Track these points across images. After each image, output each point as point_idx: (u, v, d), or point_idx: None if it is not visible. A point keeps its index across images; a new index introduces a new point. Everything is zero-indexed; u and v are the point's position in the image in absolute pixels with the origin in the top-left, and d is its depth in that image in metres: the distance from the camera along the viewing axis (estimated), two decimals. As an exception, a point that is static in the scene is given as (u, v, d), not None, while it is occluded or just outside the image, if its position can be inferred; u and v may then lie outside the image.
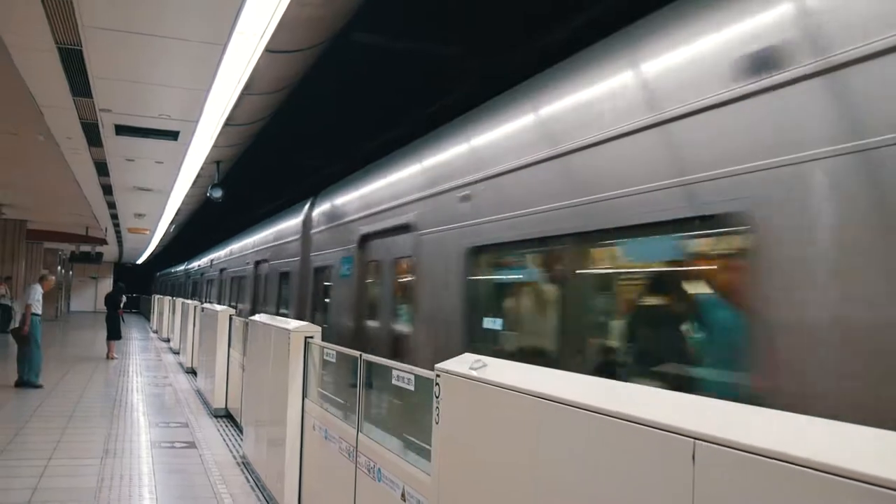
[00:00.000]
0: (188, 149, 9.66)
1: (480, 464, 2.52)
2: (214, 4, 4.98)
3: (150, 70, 6.51)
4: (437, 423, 2.85)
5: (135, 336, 24.42)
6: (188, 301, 16.62)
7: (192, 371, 13.98)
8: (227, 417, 9.54)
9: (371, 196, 6.92)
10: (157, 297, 28.32)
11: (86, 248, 29.03)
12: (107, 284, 38.93)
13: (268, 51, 6.05)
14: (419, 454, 3.33)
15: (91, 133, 8.90)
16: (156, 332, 26.28)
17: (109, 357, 16.16)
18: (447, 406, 2.80)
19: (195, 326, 13.70)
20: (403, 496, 3.37)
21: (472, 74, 7.66)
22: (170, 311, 21.20)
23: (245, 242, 14.79)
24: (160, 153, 10.03)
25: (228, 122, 8.70)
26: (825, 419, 1.50)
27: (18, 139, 9.89)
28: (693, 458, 1.54)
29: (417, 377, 3.36)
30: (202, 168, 11.86)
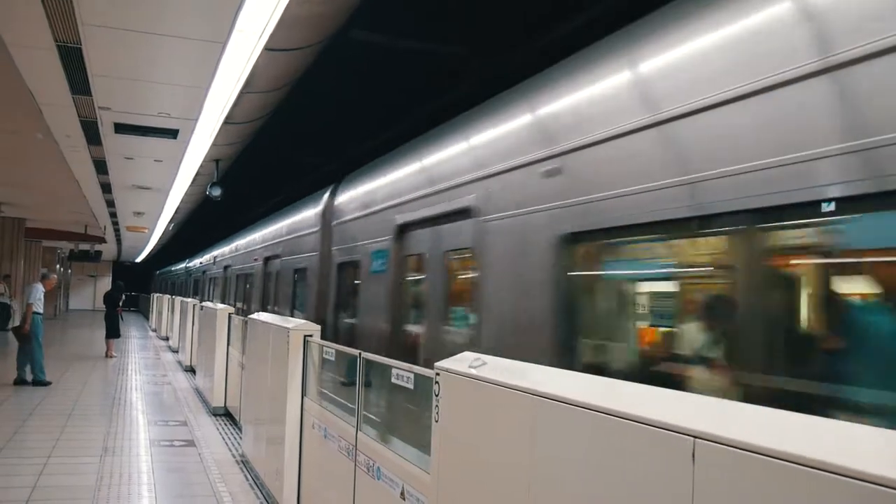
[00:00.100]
0: (187, 147, 9.64)
1: (480, 462, 2.53)
2: (214, 3, 4.97)
3: (150, 68, 6.50)
4: (437, 422, 2.85)
5: (134, 334, 24.42)
6: (187, 299, 16.59)
7: (191, 369, 13.98)
8: (226, 416, 9.55)
9: (411, 178, 5.98)
10: (156, 296, 28.31)
11: (84, 247, 28.99)
12: (105, 283, 38.91)
13: (267, 49, 6.05)
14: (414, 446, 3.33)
15: (90, 131, 8.88)
16: (155, 331, 26.28)
17: (108, 355, 16.17)
18: (447, 404, 2.80)
19: (194, 325, 13.70)
20: (403, 494, 3.38)
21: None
22: (169, 310, 21.20)
23: (252, 237, 13.71)
24: (159, 151, 10.02)
25: (228, 121, 8.69)
26: (826, 418, 1.50)
27: (17, 137, 9.87)
28: (693, 457, 1.54)
29: (417, 376, 3.36)
30: (201, 166, 11.85)
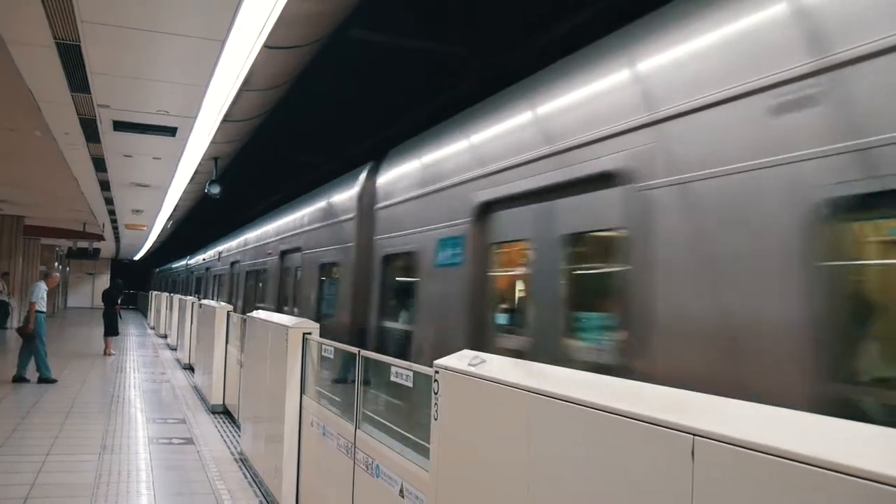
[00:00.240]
0: (186, 145, 9.64)
1: (479, 460, 2.53)
2: (213, 0, 4.97)
3: (149, 66, 6.49)
4: (436, 420, 2.86)
5: (132, 332, 24.40)
6: (185, 297, 16.57)
7: (190, 367, 13.98)
8: (225, 414, 9.55)
9: (501, 141, 4.46)
10: (155, 294, 28.29)
11: (83, 245, 28.99)
12: (104, 280, 38.94)
13: (266, 47, 6.05)
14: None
15: (89, 129, 8.87)
16: (153, 329, 26.27)
17: (107, 353, 16.17)
18: (446, 402, 2.81)
19: (193, 323, 13.70)
20: (402, 492, 3.38)
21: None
22: (167, 308, 21.19)
23: (266, 229, 12.35)
24: (158, 149, 10.02)
25: (226, 119, 8.69)
26: (824, 416, 1.50)
27: (16, 135, 9.86)
28: (692, 455, 1.54)
29: (416, 374, 3.37)
30: (200, 164, 11.85)
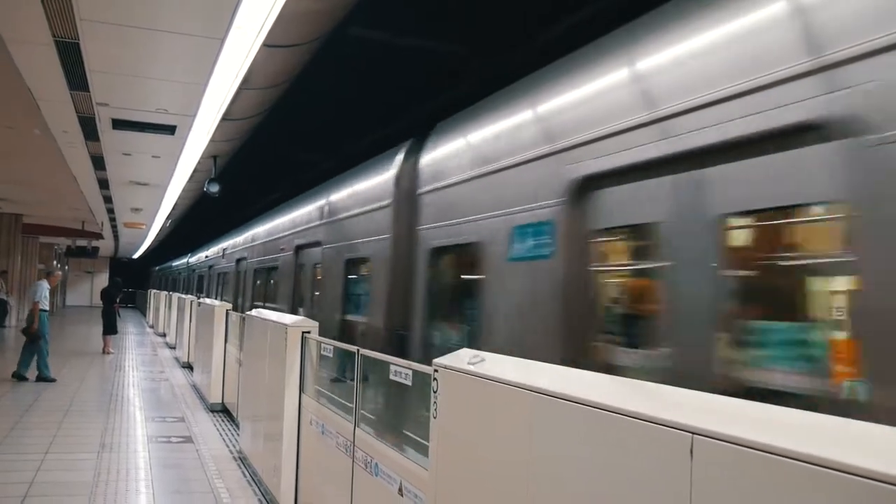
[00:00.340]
0: (185, 143, 9.63)
1: (478, 458, 2.53)
2: (213, -2, 4.97)
3: (148, 64, 6.48)
4: (435, 418, 2.86)
5: (131, 331, 24.39)
6: (184, 296, 16.56)
7: (189, 366, 13.98)
8: (224, 412, 9.55)
9: (615, 95, 3.45)
10: (154, 292, 28.27)
11: (82, 243, 28.99)
12: (102, 279, 38.92)
13: (266, 45, 6.04)
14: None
15: (88, 127, 8.86)
16: (152, 328, 26.26)
17: (105, 352, 16.17)
18: (445, 401, 2.81)
19: (191, 321, 13.70)
20: (401, 491, 3.38)
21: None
22: (166, 307, 21.18)
23: (278, 223, 11.23)
24: (157, 148, 10.00)
25: (226, 117, 8.68)
26: (823, 414, 1.50)
27: (15, 133, 9.84)
28: (691, 453, 1.55)
29: (416, 372, 3.37)
30: (199, 163, 11.84)
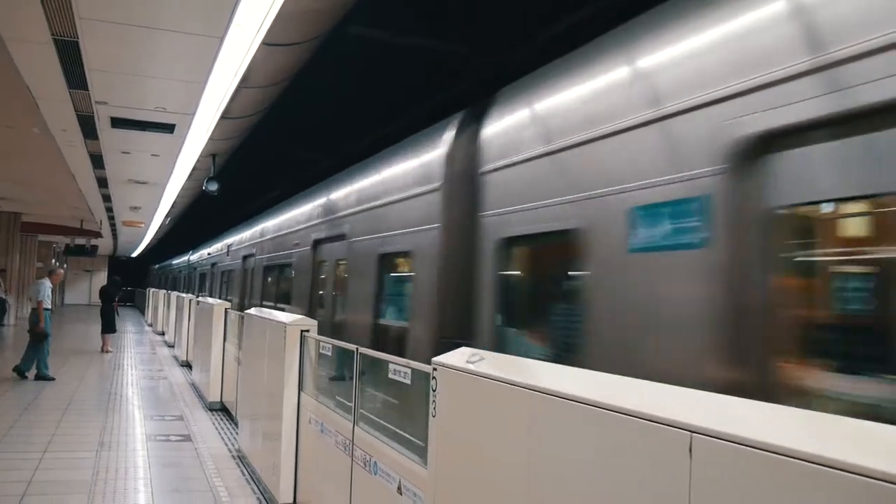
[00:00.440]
0: (184, 142, 9.63)
1: (477, 457, 2.53)
2: (212, -3, 4.97)
3: (147, 63, 6.48)
4: (434, 417, 2.86)
5: (130, 330, 24.38)
6: (183, 294, 16.55)
7: (187, 364, 13.97)
8: (223, 411, 9.55)
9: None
10: (152, 291, 28.25)
11: (80, 241, 28.97)
12: (101, 278, 38.95)
13: (265, 44, 6.04)
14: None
15: (87, 126, 8.86)
16: (151, 326, 26.25)
17: (104, 350, 16.16)
18: (444, 399, 2.81)
19: (190, 320, 13.69)
20: (399, 489, 3.39)
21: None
22: (165, 305, 21.17)
23: (292, 215, 10.10)
24: (156, 146, 10.00)
25: (225, 116, 8.68)
26: (821, 412, 1.51)
27: (14, 132, 9.84)
28: (690, 451, 1.55)
29: (414, 371, 3.37)
30: (198, 161, 11.84)
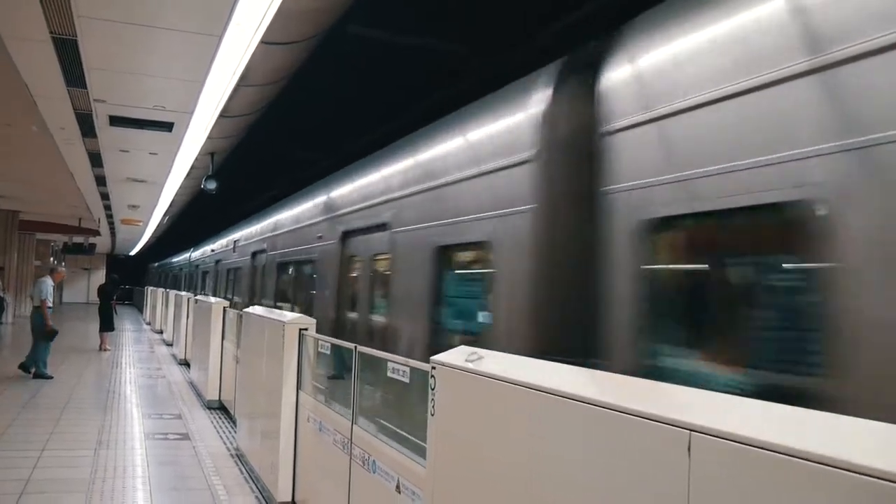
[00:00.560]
0: (182, 140, 9.62)
1: (476, 455, 2.54)
2: (211, -5, 4.97)
3: (146, 61, 6.47)
4: (433, 416, 2.86)
5: (128, 328, 24.36)
6: (181, 293, 16.53)
7: (186, 363, 13.96)
8: (221, 409, 9.55)
9: None
10: (151, 289, 28.22)
11: (78, 240, 28.94)
12: (99, 276, 38.93)
13: (264, 42, 6.03)
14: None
15: (85, 124, 8.85)
16: (149, 324, 26.23)
17: (102, 349, 16.15)
18: (442, 398, 2.81)
19: (188, 318, 13.68)
20: (398, 488, 3.39)
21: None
22: (163, 304, 21.16)
23: (315, 204, 8.63)
24: (154, 144, 10.00)
25: (223, 114, 8.67)
26: (819, 411, 1.51)
27: (12, 130, 9.83)
28: (689, 450, 1.55)
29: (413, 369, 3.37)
30: (196, 160, 11.83)
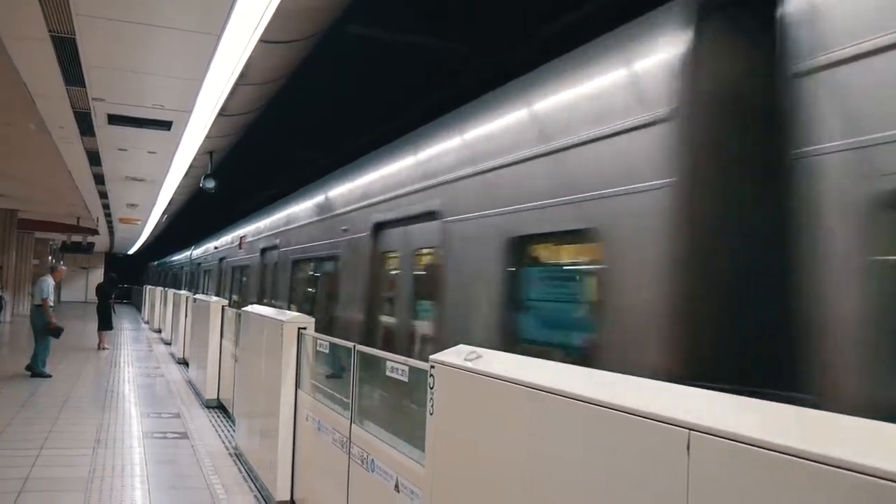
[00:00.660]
0: (181, 139, 9.61)
1: (475, 455, 2.54)
2: (210, -6, 4.96)
3: (145, 60, 6.46)
4: (432, 415, 2.86)
5: (126, 327, 24.34)
6: (180, 292, 16.51)
7: (184, 362, 13.95)
8: (220, 408, 9.54)
9: None
10: (149, 288, 28.20)
11: (77, 238, 28.89)
12: (98, 275, 38.86)
13: (263, 41, 6.03)
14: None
15: (84, 122, 8.84)
16: (147, 324, 26.21)
17: (101, 347, 16.14)
18: (441, 397, 2.81)
19: (187, 317, 13.67)
20: (397, 487, 3.39)
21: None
22: (161, 303, 21.14)
23: (339, 192, 7.14)
24: (153, 143, 9.98)
25: (222, 113, 8.65)
26: (818, 410, 1.52)
27: (11, 129, 9.82)
28: (688, 449, 1.55)
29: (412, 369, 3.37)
30: (195, 158, 11.81)
